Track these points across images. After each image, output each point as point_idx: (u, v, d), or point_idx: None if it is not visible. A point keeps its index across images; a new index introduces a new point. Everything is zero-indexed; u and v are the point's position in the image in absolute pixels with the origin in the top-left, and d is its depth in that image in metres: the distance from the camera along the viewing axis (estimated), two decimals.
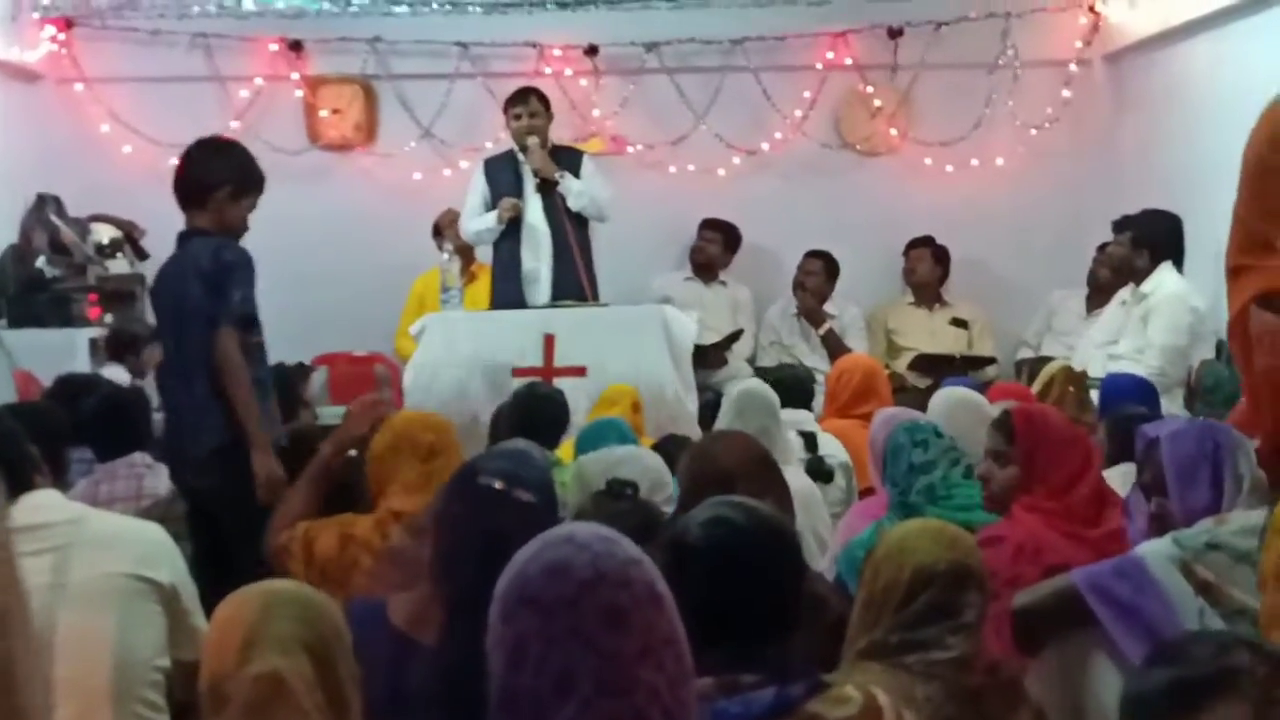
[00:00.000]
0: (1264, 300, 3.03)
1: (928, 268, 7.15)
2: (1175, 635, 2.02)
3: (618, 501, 2.87)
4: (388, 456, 3.09)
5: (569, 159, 6.02)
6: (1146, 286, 5.50)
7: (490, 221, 5.95)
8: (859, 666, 2.18)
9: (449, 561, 2.20)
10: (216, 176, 3.85)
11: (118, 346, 6.01)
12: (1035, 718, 2.30)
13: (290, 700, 1.72)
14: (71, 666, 2.52)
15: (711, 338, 6.55)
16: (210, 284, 3.72)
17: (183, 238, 3.91)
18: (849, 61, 7.27)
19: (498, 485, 2.23)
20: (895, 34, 7.19)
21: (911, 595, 2.21)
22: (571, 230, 5.82)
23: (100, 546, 2.66)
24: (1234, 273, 3.16)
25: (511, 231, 5.93)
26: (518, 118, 5.94)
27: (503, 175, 6.01)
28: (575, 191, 5.88)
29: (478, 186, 6.07)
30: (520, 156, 5.96)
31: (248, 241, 3.89)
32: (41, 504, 2.67)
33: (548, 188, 5.89)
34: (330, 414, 5.96)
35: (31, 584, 2.46)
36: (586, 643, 1.33)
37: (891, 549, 2.31)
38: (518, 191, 5.94)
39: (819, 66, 7.27)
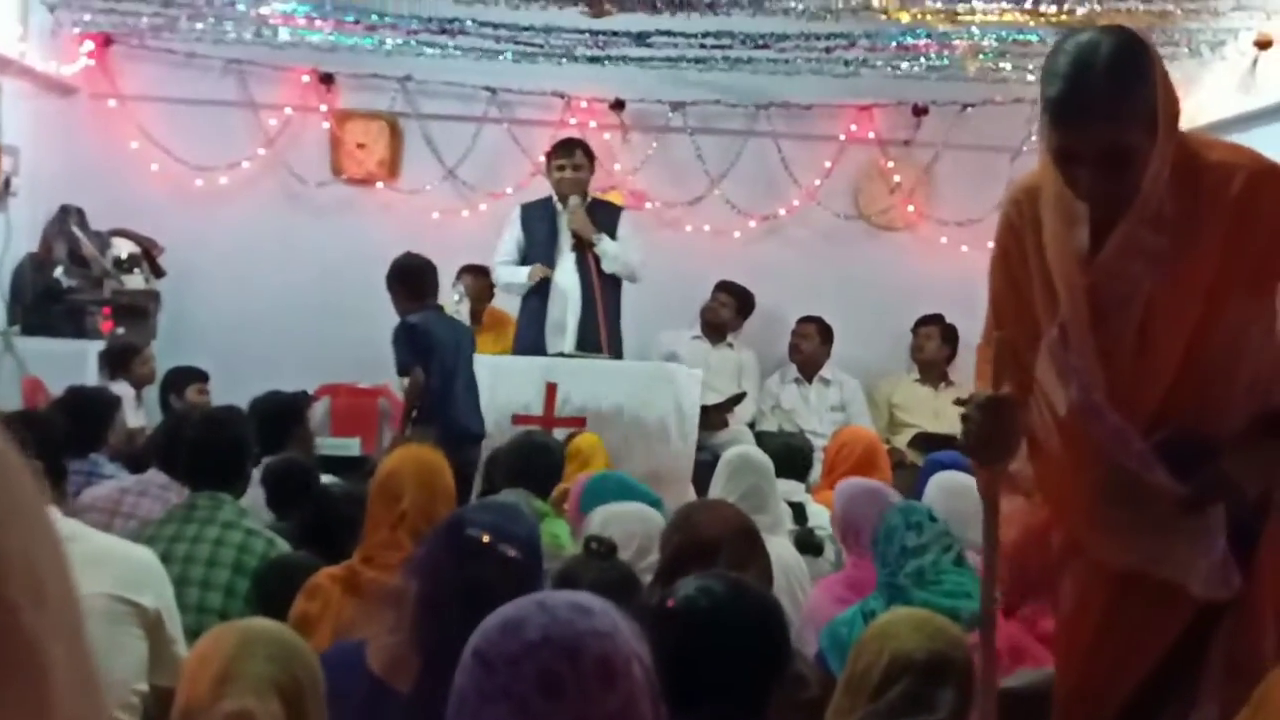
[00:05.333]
0: None
1: (935, 346, 7.17)
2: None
3: (593, 560, 2.87)
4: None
5: (606, 216, 6.03)
6: None
7: (521, 278, 6.00)
8: None
9: (428, 610, 2.18)
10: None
11: (117, 362, 6.03)
12: None
13: None
14: None
15: (714, 398, 6.56)
16: None
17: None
18: (871, 135, 7.33)
19: (484, 538, 2.23)
20: (920, 111, 7.25)
21: (888, 682, 2.20)
22: (600, 290, 5.83)
23: (85, 566, 2.66)
24: None
25: (541, 287, 5.96)
26: (560, 169, 5.96)
27: (539, 225, 6.04)
28: (610, 255, 5.92)
29: (513, 231, 6.10)
30: (559, 207, 5.98)
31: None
32: None
33: (582, 247, 5.93)
34: (330, 445, 5.99)
35: None
36: (519, 705, 1.31)
37: (875, 633, 2.31)
38: (552, 244, 5.96)
39: (841, 137, 7.33)
